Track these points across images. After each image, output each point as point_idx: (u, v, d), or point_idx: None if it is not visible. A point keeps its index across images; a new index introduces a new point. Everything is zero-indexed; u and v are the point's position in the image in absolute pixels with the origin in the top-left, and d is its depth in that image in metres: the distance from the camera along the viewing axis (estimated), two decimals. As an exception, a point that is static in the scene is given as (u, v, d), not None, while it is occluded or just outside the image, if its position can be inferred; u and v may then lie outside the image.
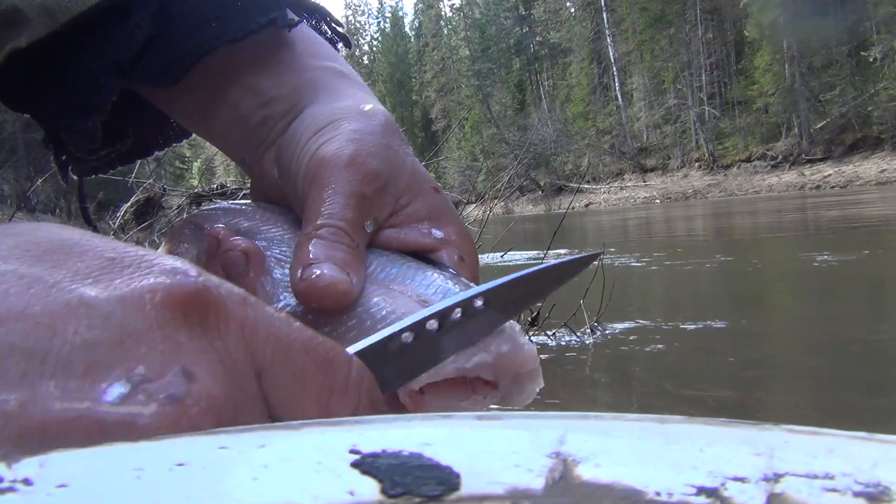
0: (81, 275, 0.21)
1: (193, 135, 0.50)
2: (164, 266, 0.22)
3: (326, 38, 0.47)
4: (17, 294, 0.19)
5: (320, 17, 0.47)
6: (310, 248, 0.33)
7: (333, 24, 0.48)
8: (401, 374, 0.30)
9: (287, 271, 0.34)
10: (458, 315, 0.31)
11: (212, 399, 0.20)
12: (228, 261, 0.34)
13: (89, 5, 0.39)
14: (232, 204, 0.43)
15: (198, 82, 0.43)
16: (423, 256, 0.37)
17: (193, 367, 0.20)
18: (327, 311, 0.32)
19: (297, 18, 0.43)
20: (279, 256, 0.36)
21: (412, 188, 0.37)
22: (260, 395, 0.22)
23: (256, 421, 0.22)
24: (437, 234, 0.37)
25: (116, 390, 0.19)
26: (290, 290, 0.33)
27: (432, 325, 0.30)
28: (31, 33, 0.39)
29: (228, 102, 0.43)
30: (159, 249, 0.43)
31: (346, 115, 0.38)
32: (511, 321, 0.34)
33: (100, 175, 0.52)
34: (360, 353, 0.28)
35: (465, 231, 0.38)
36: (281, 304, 0.34)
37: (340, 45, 0.49)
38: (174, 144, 0.52)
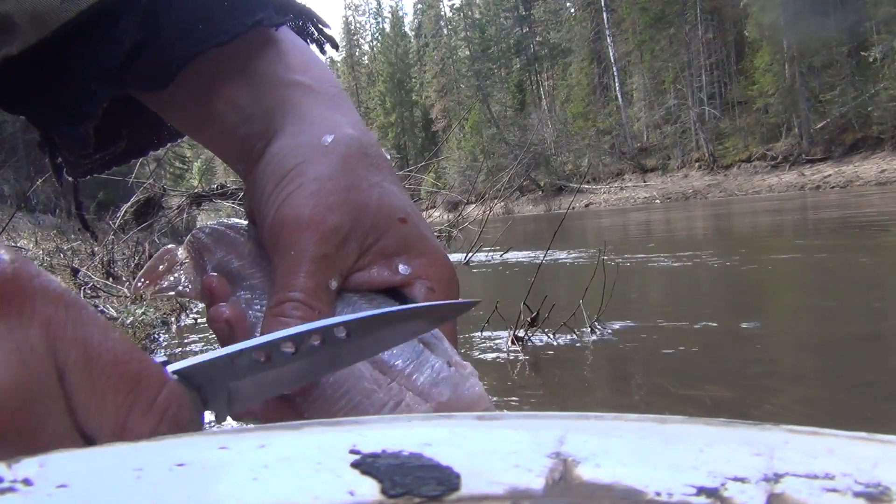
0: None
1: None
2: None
3: (313, 40, 0.47)
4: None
5: (306, 19, 0.47)
6: (270, 329, 0.35)
7: (320, 26, 0.47)
8: (254, 392, 0.31)
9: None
10: (317, 342, 0.32)
11: None
12: (216, 330, 0.38)
13: (78, 11, 0.39)
14: (230, 224, 0.43)
15: (186, 89, 0.43)
16: (396, 292, 0.37)
17: None
18: None
19: (283, 18, 0.43)
20: (259, 314, 0.38)
21: (378, 225, 0.37)
22: (60, 394, 0.22)
23: (55, 417, 0.22)
24: (405, 269, 0.37)
25: None
26: None
27: (287, 347, 0.31)
28: (22, 40, 0.39)
29: (214, 115, 0.43)
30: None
31: (308, 156, 0.37)
32: (463, 364, 0.36)
33: (98, 175, 0.52)
34: (201, 365, 0.30)
35: (437, 258, 0.38)
36: None
37: (328, 46, 0.48)
38: (170, 144, 0.52)
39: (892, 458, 0.18)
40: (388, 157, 0.41)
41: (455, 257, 6.60)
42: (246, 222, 0.43)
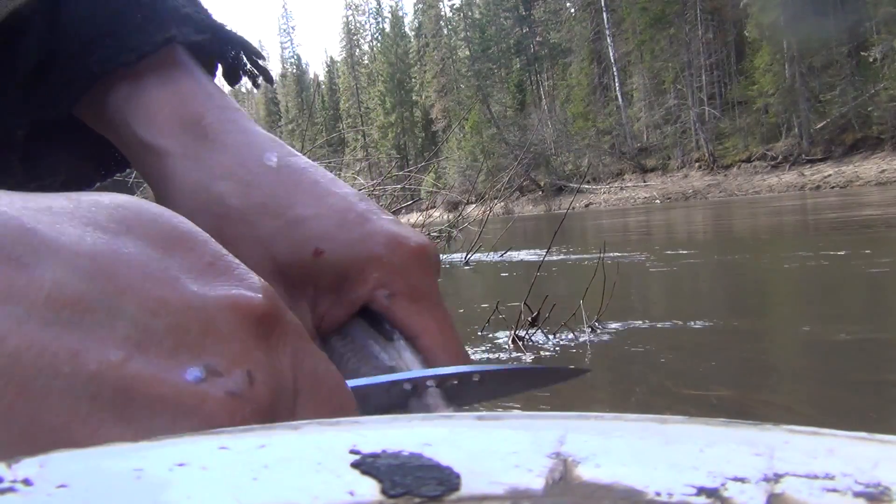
0: (188, 269, 0.23)
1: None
2: (251, 281, 0.24)
3: (245, 73, 0.42)
4: (136, 269, 0.22)
5: (239, 49, 0.42)
6: None
7: (254, 57, 0.43)
8: None
9: None
10: (455, 382, 0.31)
11: (262, 403, 0.22)
12: None
13: None
14: None
15: (91, 114, 0.38)
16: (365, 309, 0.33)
17: (256, 373, 0.22)
18: None
19: (198, 37, 0.38)
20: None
21: (305, 277, 0.32)
22: (293, 414, 0.24)
23: None
24: (356, 293, 0.32)
25: (194, 373, 0.21)
26: None
27: (430, 383, 0.30)
28: None
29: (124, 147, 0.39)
30: None
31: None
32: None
33: None
34: (364, 388, 0.30)
35: (383, 257, 0.32)
36: None
37: (261, 79, 0.43)
38: (118, 175, 0.47)
39: (892, 458, 0.18)
40: (274, 161, 0.34)
41: (455, 257, 6.61)
42: None
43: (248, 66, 0.42)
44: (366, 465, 0.18)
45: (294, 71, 74.39)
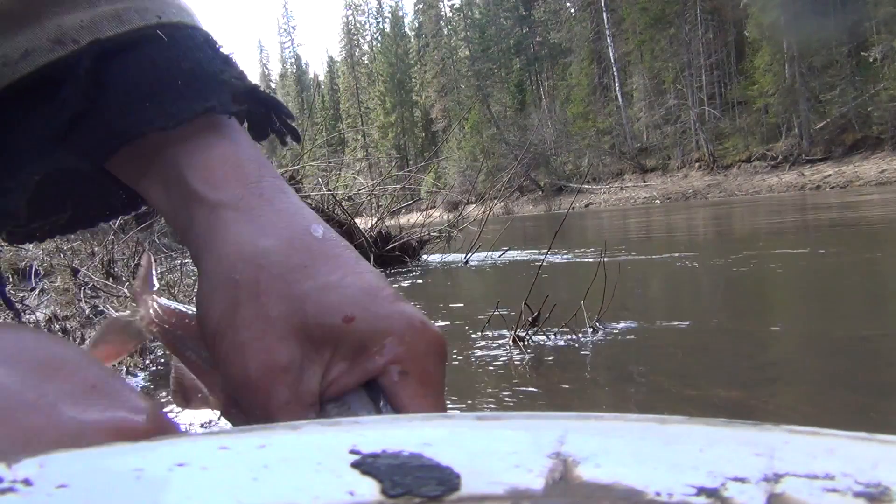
0: (67, 393, 0.24)
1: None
2: (134, 403, 0.25)
3: (274, 130, 0.44)
4: (10, 399, 0.22)
5: (270, 109, 0.43)
6: None
7: (284, 117, 0.44)
8: None
9: None
10: None
11: None
12: None
13: (20, 75, 0.36)
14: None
15: (118, 165, 0.39)
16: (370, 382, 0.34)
17: None
18: None
19: (237, 107, 0.39)
20: None
21: (326, 338, 0.33)
22: None
23: None
24: (371, 363, 0.33)
25: None
26: None
27: None
28: None
29: (146, 197, 0.40)
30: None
31: (228, 301, 0.34)
32: None
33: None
34: None
35: (402, 334, 0.33)
36: None
37: (289, 138, 0.45)
38: (124, 216, 0.48)
39: (892, 458, 0.18)
40: (321, 232, 0.36)
41: (455, 257, 6.60)
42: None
43: (278, 124, 0.44)
44: (366, 465, 0.18)
45: (294, 71, 74.40)
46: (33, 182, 0.38)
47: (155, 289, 0.48)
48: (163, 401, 2.04)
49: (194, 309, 0.40)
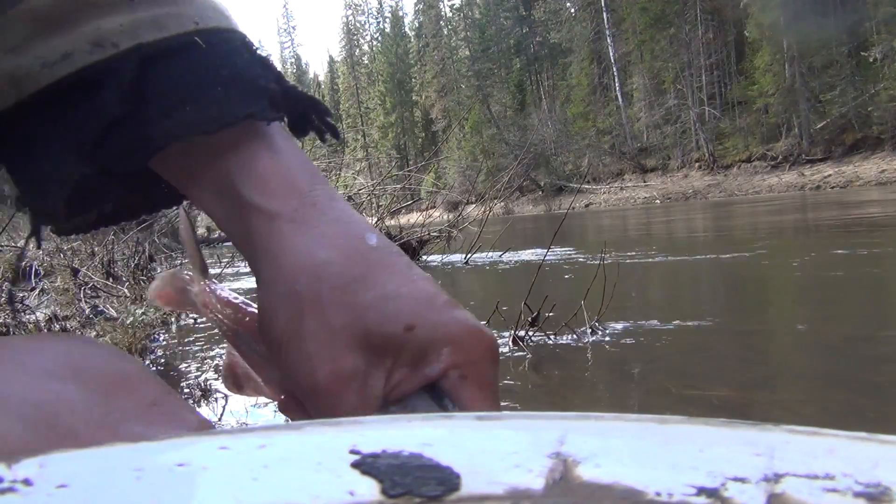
0: (130, 411, 0.25)
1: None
2: (191, 420, 0.26)
3: (313, 128, 0.44)
4: (79, 416, 0.24)
5: (309, 108, 0.44)
6: None
7: (323, 115, 0.44)
8: None
9: None
10: None
11: None
12: None
13: (57, 78, 0.36)
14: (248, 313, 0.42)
15: (161, 166, 0.40)
16: (433, 385, 0.35)
17: None
18: None
19: (276, 114, 0.39)
20: None
21: (389, 346, 0.34)
22: None
23: None
24: (432, 369, 0.34)
25: None
26: None
27: None
28: None
29: (192, 199, 0.41)
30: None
31: (292, 311, 0.35)
32: None
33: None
34: None
35: (460, 341, 0.35)
36: None
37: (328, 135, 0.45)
38: (164, 210, 0.48)
39: (892, 458, 0.18)
40: (375, 240, 0.37)
41: (455, 257, 6.60)
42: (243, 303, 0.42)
43: (317, 122, 0.44)
44: (366, 465, 0.18)
45: (294, 71, 74.40)
46: (72, 183, 0.38)
47: (206, 271, 0.48)
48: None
49: (250, 304, 0.42)
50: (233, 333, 0.42)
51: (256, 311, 0.40)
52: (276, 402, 0.39)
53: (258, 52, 0.42)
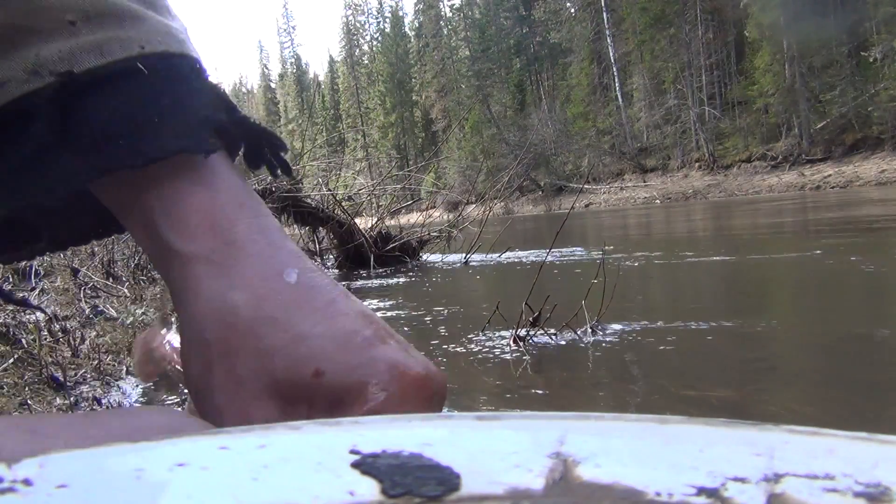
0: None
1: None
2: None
3: (264, 161, 0.42)
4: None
5: (260, 140, 0.42)
6: None
7: (276, 149, 0.43)
8: None
9: None
10: None
11: None
12: None
13: None
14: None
15: (111, 202, 0.39)
16: None
17: None
18: None
19: (215, 145, 0.37)
20: None
21: (299, 393, 0.32)
22: None
23: None
24: (349, 412, 0.32)
25: None
26: None
27: None
28: None
29: (139, 244, 0.39)
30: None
31: (204, 364, 0.33)
32: None
33: None
34: None
35: (378, 377, 0.32)
36: None
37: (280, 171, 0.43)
38: (96, 241, 0.46)
39: (892, 458, 0.18)
40: (294, 277, 0.35)
41: (455, 257, 6.60)
42: None
43: (269, 156, 0.43)
44: (366, 465, 0.18)
45: (294, 71, 74.38)
46: (1, 217, 0.36)
47: (170, 321, 0.48)
48: (165, 402, 2.04)
49: None
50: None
51: None
52: None
53: (208, 79, 0.40)
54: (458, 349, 2.41)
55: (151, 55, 0.37)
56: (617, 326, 2.58)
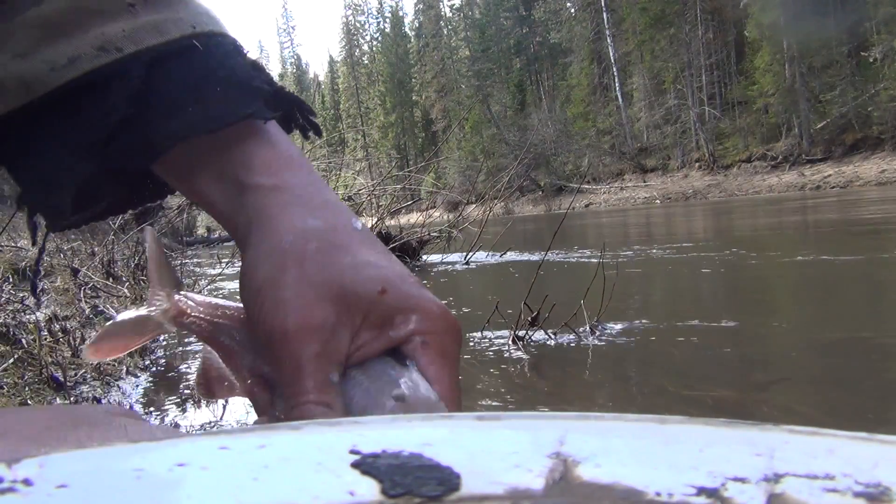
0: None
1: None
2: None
3: (297, 126, 0.47)
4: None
5: (294, 107, 0.47)
6: None
7: (307, 114, 0.48)
8: None
9: None
10: None
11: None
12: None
13: (65, 80, 0.38)
14: (229, 314, 0.44)
15: (165, 167, 0.42)
16: (395, 350, 0.37)
17: None
18: None
19: (271, 114, 0.42)
20: None
21: (360, 304, 0.36)
22: None
23: None
24: (396, 333, 0.37)
25: None
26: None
27: None
28: (6, 103, 0.39)
29: (194, 195, 0.43)
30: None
31: (274, 265, 0.37)
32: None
33: None
34: None
35: (427, 312, 0.37)
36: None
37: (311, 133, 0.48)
38: (151, 203, 0.51)
39: (892, 458, 0.18)
40: (360, 226, 0.40)
41: (455, 257, 6.60)
42: (235, 305, 0.44)
43: (301, 120, 0.48)
44: (366, 465, 0.18)
45: (294, 71, 74.40)
46: (80, 181, 0.40)
47: (180, 284, 0.50)
48: (165, 402, 2.04)
49: (229, 302, 0.45)
50: (211, 328, 0.44)
51: (234, 306, 0.43)
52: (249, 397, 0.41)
53: (248, 55, 0.44)
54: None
55: (201, 34, 0.42)
56: (616, 326, 2.58)
